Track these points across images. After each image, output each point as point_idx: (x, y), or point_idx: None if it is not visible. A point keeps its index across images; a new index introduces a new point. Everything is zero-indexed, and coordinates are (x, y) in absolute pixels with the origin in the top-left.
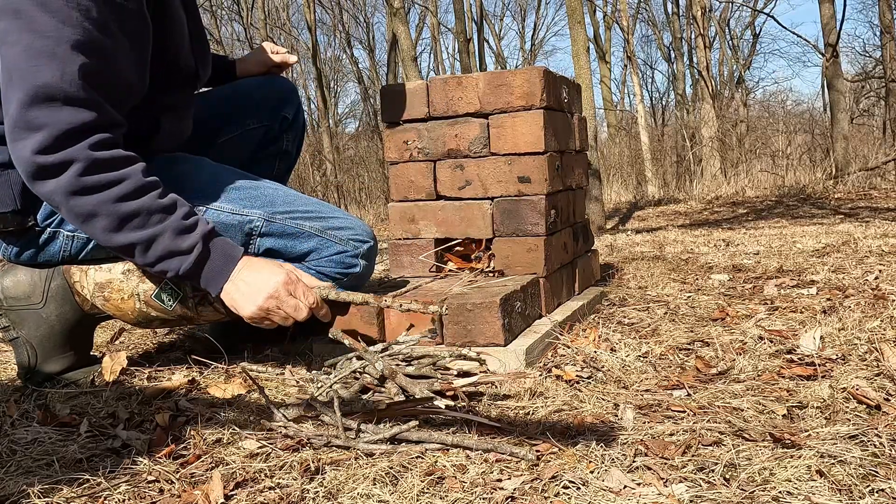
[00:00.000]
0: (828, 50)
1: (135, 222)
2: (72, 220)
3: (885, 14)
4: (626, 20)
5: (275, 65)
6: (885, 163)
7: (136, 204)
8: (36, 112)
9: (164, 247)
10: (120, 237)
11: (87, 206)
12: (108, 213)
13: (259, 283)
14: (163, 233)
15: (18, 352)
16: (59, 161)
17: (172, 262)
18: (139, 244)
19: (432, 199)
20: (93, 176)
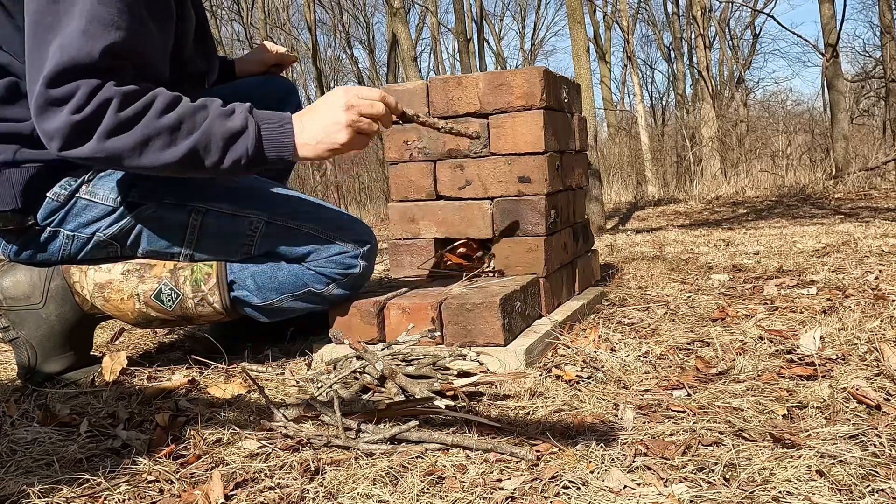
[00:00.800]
0: (828, 50)
1: (184, 128)
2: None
3: (885, 14)
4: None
5: (274, 64)
6: (885, 163)
7: (176, 113)
8: (63, 88)
9: (220, 135)
10: (179, 148)
11: (136, 135)
12: (157, 130)
13: (327, 110)
14: (212, 124)
15: (18, 352)
16: (94, 108)
17: (237, 147)
18: (199, 147)
19: (432, 199)
20: (129, 107)
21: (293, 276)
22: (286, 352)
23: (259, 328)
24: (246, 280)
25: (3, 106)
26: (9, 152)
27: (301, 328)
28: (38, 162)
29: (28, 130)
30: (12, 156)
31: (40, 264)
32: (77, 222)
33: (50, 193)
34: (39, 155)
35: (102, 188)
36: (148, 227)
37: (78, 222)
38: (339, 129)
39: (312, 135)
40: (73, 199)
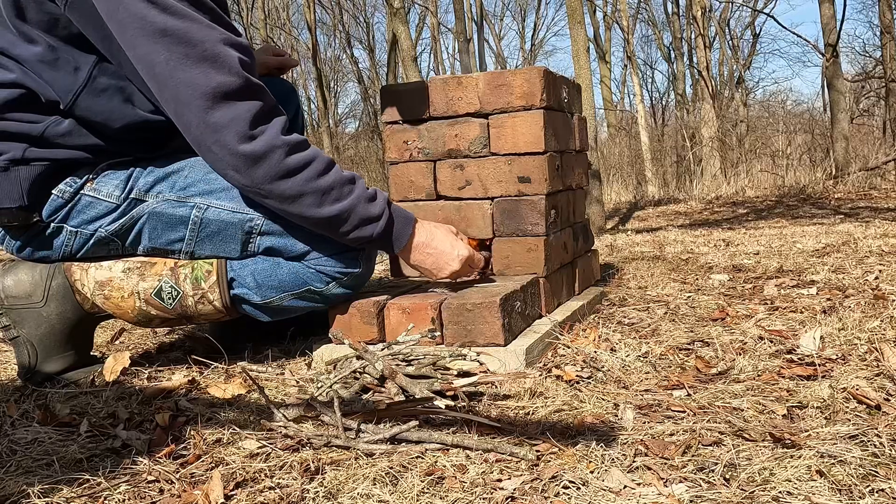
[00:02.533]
0: (828, 50)
1: (333, 194)
2: (278, 202)
3: (885, 14)
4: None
5: (275, 67)
6: (885, 163)
7: (331, 178)
8: (220, 112)
9: (360, 215)
10: (324, 211)
11: (295, 187)
12: (313, 189)
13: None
14: (357, 202)
15: (19, 351)
16: (262, 148)
17: (367, 229)
18: (341, 214)
19: (432, 199)
20: (293, 157)
21: (293, 275)
22: (286, 352)
23: (259, 328)
24: (246, 278)
25: (16, 111)
26: (18, 150)
27: (301, 328)
28: (46, 160)
29: (38, 132)
30: (21, 153)
31: (42, 260)
32: (81, 219)
33: (55, 191)
34: (48, 154)
35: (106, 185)
36: (149, 224)
37: (81, 219)
38: (448, 267)
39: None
40: (78, 195)
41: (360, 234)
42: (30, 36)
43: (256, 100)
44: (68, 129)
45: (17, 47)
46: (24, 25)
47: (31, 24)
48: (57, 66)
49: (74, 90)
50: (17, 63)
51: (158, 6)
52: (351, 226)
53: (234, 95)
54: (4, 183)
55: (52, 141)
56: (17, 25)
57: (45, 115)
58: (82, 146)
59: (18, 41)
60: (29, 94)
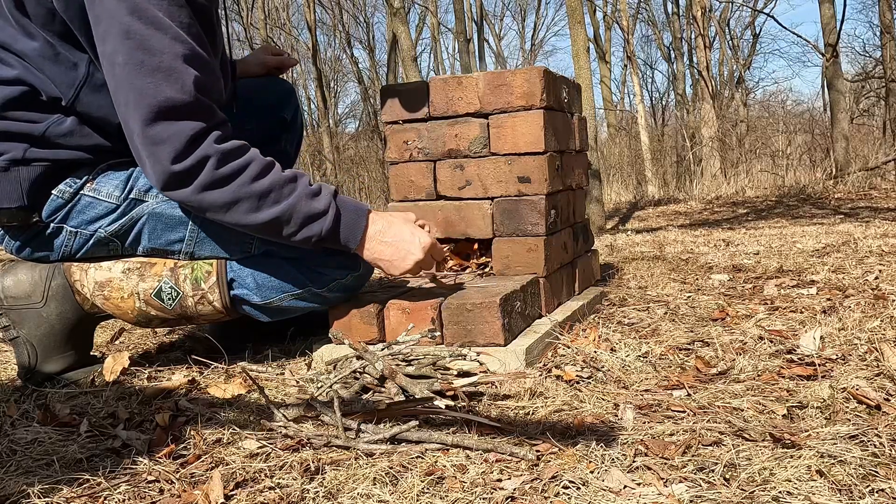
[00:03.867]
0: (828, 50)
1: (271, 197)
2: (213, 212)
3: (885, 14)
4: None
5: (275, 66)
6: (885, 163)
7: (267, 181)
8: (161, 126)
9: (303, 213)
10: (263, 215)
11: (227, 195)
12: (248, 194)
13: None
14: (298, 201)
15: (19, 351)
16: (193, 162)
17: (314, 227)
18: (281, 217)
19: (432, 199)
20: (225, 166)
21: (293, 275)
22: (286, 352)
23: (259, 328)
24: (246, 278)
25: (17, 110)
26: (18, 150)
27: (301, 328)
28: (46, 161)
29: (40, 132)
30: (22, 154)
31: (42, 260)
32: (80, 219)
33: (55, 191)
34: (48, 154)
35: (106, 185)
36: (149, 224)
37: (81, 219)
38: (410, 257)
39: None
40: (78, 196)
41: (308, 233)
42: (29, 30)
43: (201, 120)
44: (70, 128)
45: (18, 42)
46: (24, 19)
47: (31, 17)
48: (57, 61)
49: (76, 85)
50: (19, 58)
51: (129, 6)
52: (295, 226)
53: (178, 113)
54: (4, 183)
55: (52, 141)
56: (17, 19)
57: (46, 114)
58: (83, 146)
59: (19, 35)
60: (31, 92)
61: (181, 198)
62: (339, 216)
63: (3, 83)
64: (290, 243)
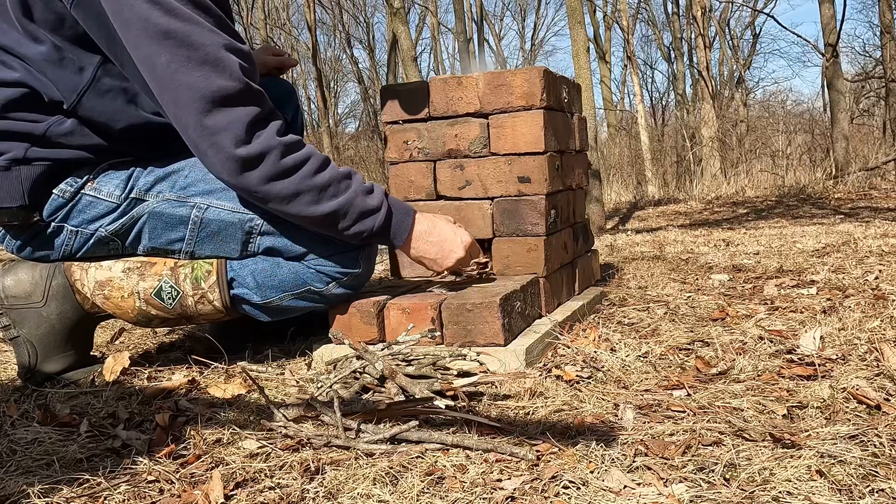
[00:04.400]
0: (828, 50)
1: (330, 191)
2: (277, 203)
3: (885, 14)
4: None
5: (275, 66)
6: (885, 163)
7: (327, 175)
8: (217, 116)
9: (358, 208)
10: (322, 207)
11: (291, 186)
12: (309, 187)
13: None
14: (355, 196)
15: (19, 351)
16: (258, 151)
17: (367, 222)
18: (339, 210)
19: (432, 199)
20: (289, 157)
21: (293, 275)
22: (286, 352)
23: (259, 328)
24: (246, 278)
25: (18, 110)
26: (20, 150)
27: (301, 328)
28: (47, 160)
29: (41, 131)
30: (23, 153)
31: (42, 259)
32: (81, 218)
33: (56, 190)
34: (49, 154)
35: (107, 185)
36: (149, 223)
37: (82, 218)
38: (453, 255)
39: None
40: (79, 195)
41: (361, 227)
42: (35, 35)
43: (255, 105)
44: (70, 129)
45: (22, 46)
46: (31, 24)
47: (38, 22)
48: (62, 65)
49: (79, 90)
50: (22, 62)
51: (163, 8)
52: (350, 220)
53: (233, 100)
54: (5, 182)
55: (53, 141)
56: (23, 24)
57: (47, 115)
58: (84, 146)
59: (24, 40)
60: (32, 94)
61: (248, 185)
62: (390, 214)
63: (5, 85)
64: (342, 237)
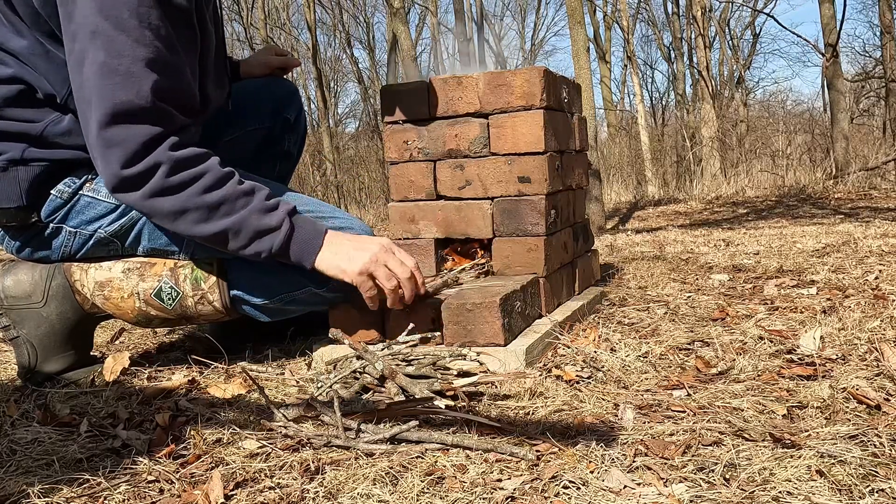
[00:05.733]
0: (828, 50)
1: (222, 209)
2: (161, 219)
3: (885, 14)
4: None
5: (278, 66)
6: (885, 163)
7: (220, 193)
8: (115, 129)
9: (253, 228)
10: (211, 226)
11: (176, 204)
12: (197, 205)
13: (361, 247)
14: (250, 215)
15: (19, 351)
16: (144, 168)
17: (264, 242)
18: (230, 230)
19: (432, 199)
20: (177, 175)
21: (293, 276)
22: (286, 352)
23: (259, 328)
24: (246, 279)
25: (14, 108)
26: (17, 150)
27: (301, 328)
28: (44, 161)
29: (38, 131)
30: (20, 154)
31: (41, 260)
32: (80, 219)
33: (54, 191)
34: (47, 154)
35: None
36: (148, 225)
37: (80, 219)
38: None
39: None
40: (77, 196)
41: (258, 247)
42: (19, 29)
43: (159, 125)
44: (67, 127)
45: (10, 41)
46: (14, 17)
47: (20, 16)
48: (48, 58)
49: (68, 82)
50: (13, 57)
51: (99, 5)
52: (244, 240)
53: (133, 117)
54: (3, 183)
55: (51, 140)
56: (9, 17)
57: (43, 114)
58: (82, 145)
59: (10, 34)
60: (27, 90)
61: (129, 202)
62: (291, 233)
63: (0, 81)
64: (243, 256)
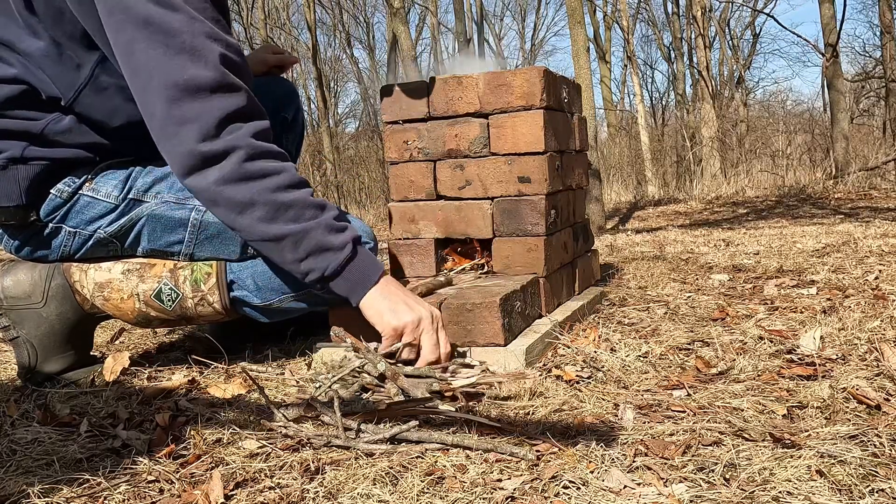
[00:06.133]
0: (828, 50)
1: (290, 214)
2: (226, 210)
3: (885, 14)
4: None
5: (275, 64)
6: (885, 163)
7: (292, 196)
8: (187, 105)
9: (316, 241)
10: (274, 228)
11: (246, 194)
12: (267, 201)
13: (408, 303)
14: (316, 228)
15: (19, 351)
16: (222, 148)
17: (321, 260)
18: (291, 236)
19: (432, 199)
20: (254, 163)
21: (293, 277)
22: (286, 352)
23: (259, 328)
24: (246, 280)
25: (16, 108)
26: (17, 148)
27: (301, 328)
28: (45, 160)
29: (38, 129)
30: (20, 152)
31: (41, 260)
32: (79, 219)
33: (53, 190)
34: (47, 153)
35: (105, 185)
36: (148, 225)
37: (80, 219)
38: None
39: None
40: (76, 195)
41: (313, 264)
42: (35, 29)
43: (233, 99)
44: (68, 126)
45: (23, 41)
46: (32, 18)
47: (39, 16)
48: (60, 61)
49: (76, 86)
50: (20, 57)
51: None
52: (303, 252)
53: (207, 90)
54: (2, 182)
55: (51, 139)
56: (25, 18)
57: (45, 113)
58: (82, 144)
59: (24, 34)
60: (30, 91)
61: (201, 187)
62: (352, 259)
63: (2, 82)
64: (294, 272)
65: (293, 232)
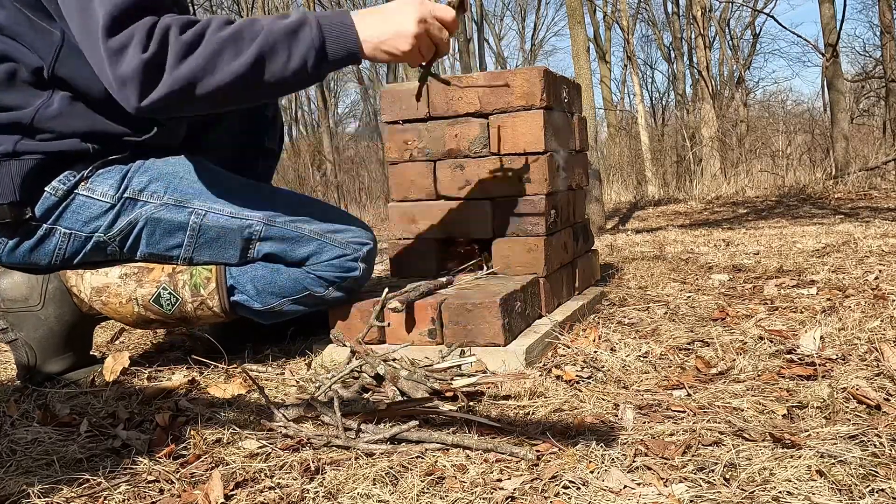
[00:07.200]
0: (828, 50)
1: (246, 35)
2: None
3: (885, 14)
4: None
5: None
6: (885, 163)
7: (235, 26)
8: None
9: (282, 32)
10: (247, 56)
11: (204, 51)
12: (221, 41)
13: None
14: (272, 25)
15: (17, 353)
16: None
17: (302, 41)
18: (266, 49)
19: (432, 199)
20: (188, 30)
21: (293, 280)
22: (286, 352)
23: (259, 328)
24: (245, 284)
25: (2, 92)
26: (9, 143)
27: (301, 328)
28: (38, 154)
29: (28, 119)
30: (12, 147)
31: (34, 266)
32: (74, 220)
33: (48, 188)
34: (40, 146)
35: (101, 184)
36: (147, 229)
37: (75, 220)
38: (405, 39)
39: (374, 34)
40: (72, 195)
41: (301, 51)
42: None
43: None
44: (59, 109)
45: None
46: None
47: None
48: (32, 27)
49: (54, 48)
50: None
51: None
52: (284, 52)
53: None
54: None
55: (43, 127)
56: None
57: (32, 96)
58: (76, 132)
59: None
60: (13, 67)
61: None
62: (319, 21)
63: None
64: (296, 78)
65: (263, 43)
